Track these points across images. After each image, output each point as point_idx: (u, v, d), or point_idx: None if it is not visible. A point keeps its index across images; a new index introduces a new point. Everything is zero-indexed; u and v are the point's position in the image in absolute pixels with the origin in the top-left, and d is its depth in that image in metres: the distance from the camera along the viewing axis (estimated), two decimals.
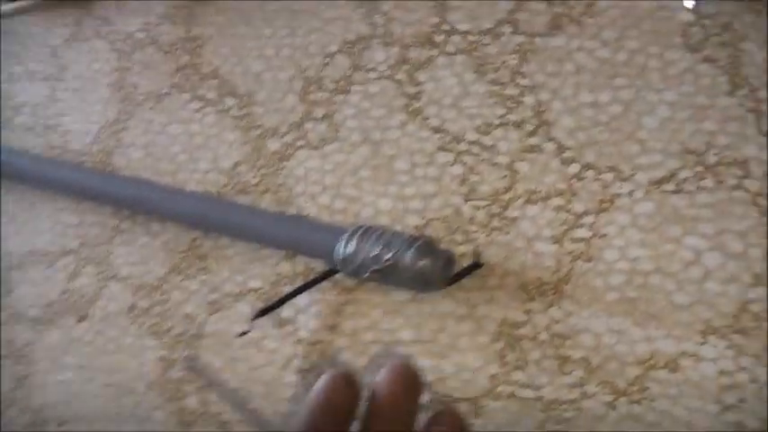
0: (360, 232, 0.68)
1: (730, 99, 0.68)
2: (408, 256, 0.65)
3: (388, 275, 0.66)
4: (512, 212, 0.71)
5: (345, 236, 0.68)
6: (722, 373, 0.64)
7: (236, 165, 0.82)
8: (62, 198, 0.89)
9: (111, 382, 0.83)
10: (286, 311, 0.76)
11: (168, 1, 0.92)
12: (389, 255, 0.66)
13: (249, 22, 0.87)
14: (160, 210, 0.81)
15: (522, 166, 0.72)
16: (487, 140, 0.74)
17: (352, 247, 0.68)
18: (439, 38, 0.78)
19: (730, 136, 0.68)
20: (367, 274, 0.67)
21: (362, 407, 0.45)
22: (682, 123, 0.69)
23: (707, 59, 0.70)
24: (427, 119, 0.76)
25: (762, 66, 0.69)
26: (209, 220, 0.78)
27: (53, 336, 0.86)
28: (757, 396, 0.63)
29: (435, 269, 0.66)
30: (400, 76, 0.78)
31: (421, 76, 0.78)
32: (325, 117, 0.80)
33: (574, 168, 0.71)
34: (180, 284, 0.82)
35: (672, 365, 0.65)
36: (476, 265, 0.70)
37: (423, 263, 0.65)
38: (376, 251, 0.66)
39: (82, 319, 0.85)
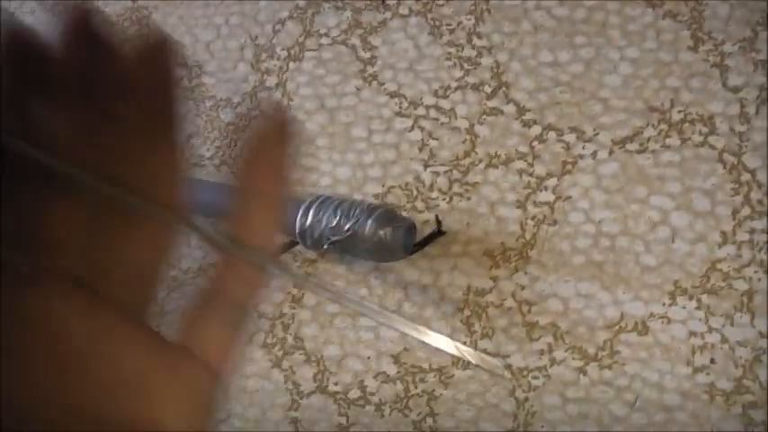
0: (317, 203, 0.63)
1: (694, 54, 0.64)
2: (368, 226, 0.61)
3: (348, 246, 0.62)
4: (473, 177, 0.66)
5: (302, 207, 0.63)
6: (692, 333, 0.60)
7: (190, 137, 0.76)
8: None
9: None
10: None
11: None
12: (348, 225, 0.61)
13: None
14: None
15: (482, 130, 0.67)
16: (446, 104, 0.69)
17: (309, 218, 0.63)
18: (392, 1, 0.73)
19: (695, 92, 0.64)
20: (326, 246, 0.62)
21: None
22: (645, 81, 0.65)
23: (668, 14, 0.66)
24: (383, 84, 0.71)
25: (725, 19, 0.64)
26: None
27: None
28: (728, 356, 0.59)
29: (396, 238, 0.61)
30: (354, 40, 0.73)
31: (375, 41, 0.72)
32: (278, 85, 0.75)
33: (535, 130, 0.66)
34: None
35: (641, 328, 0.61)
36: (438, 233, 0.65)
37: (383, 232, 0.61)
38: (334, 222, 0.62)
39: None
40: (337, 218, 0.62)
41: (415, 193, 0.68)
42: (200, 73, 0.78)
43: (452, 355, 0.63)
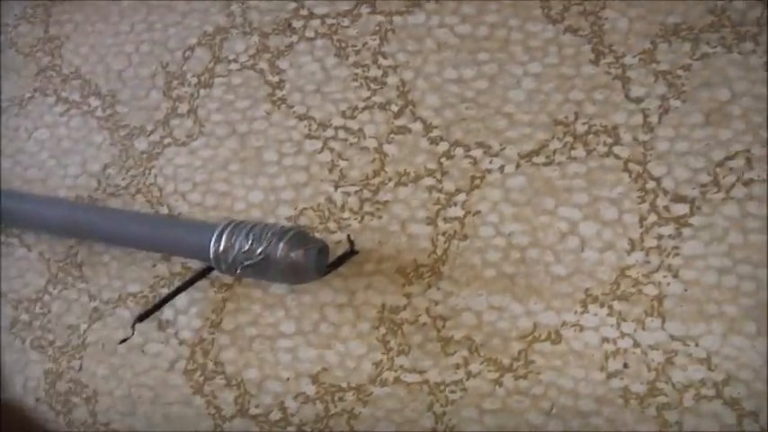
0: (230, 228, 0.63)
1: (596, 67, 0.65)
2: (279, 249, 0.61)
3: (261, 270, 0.62)
4: (383, 196, 0.67)
5: (216, 232, 0.63)
6: (605, 340, 0.61)
7: (106, 167, 0.76)
8: None
9: None
10: (167, 313, 0.71)
11: (24, 0, 0.84)
12: (260, 249, 0.61)
13: (106, 18, 0.80)
14: (32, 221, 0.74)
15: (391, 148, 0.68)
16: (354, 125, 0.69)
17: (222, 243, 0.63)
18: (298, 23, 0.73)
19: (598, 104, 0.65)
20: (240, 270, 0.62)
21: None
22: (548, 95, 0.66)
23: (569, 29, 0.67)
24: (292, 107, 0.71)
25: (624, 33, 0.65)
26: (82, 227, 0.72)
27: None
28: (641, 360, 0.60)
29: (308, 260, 0.61)
30: (262, 65, 0.73)
31: (282, 64, 0.73)
32: (190, 112, 0.74)
33: (443, 147, 0.67)
34: (59, 295, 0.75)
35: (555, 337, 0.62)
36: (351, 252, 0.65)
37: (294, 254, 0.61)
38: (246, 246, 0.62)
39: None
40: (249, 242, 0.62)
41: (327, 213, 0.68)
42: (114, 102, 0.78)
43: (389, 379, 0.64)
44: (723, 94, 0.62)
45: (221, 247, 0.63)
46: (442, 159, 0.66)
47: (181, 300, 0.70)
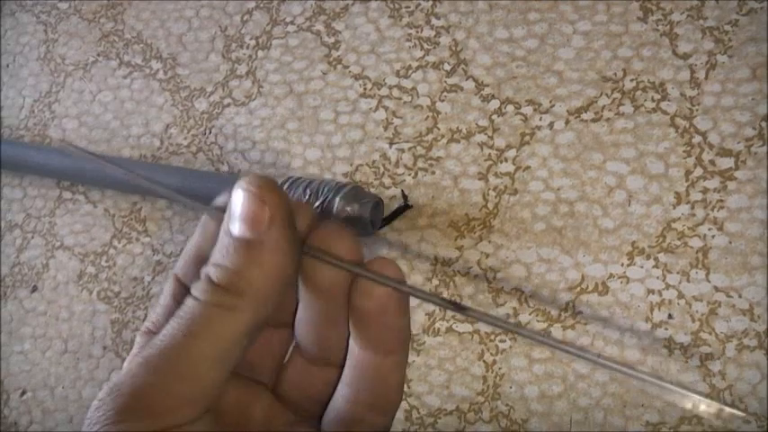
0: (288, 183, 0.65)
1: (644, 25, 0.66)
2: (336, 203, 0.63)
3: None
4: (436, 152, 0.68)
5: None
6: (650, 291, 0.62)
7: (168, 127, 0.79)
8: (4, 174, 0.85)
9: (69, 349, 0.79)
10: None
11: None
12: (318, 203, 0.63)
13: None
14: (97, 179, 0.77)
15: (443, 106, 0.69)
16: (407, 83, 0.71)
17: None
18: None
19: (646, 61, 0.65)
20: None
21: None
22: (597, 52, 0.67)
23: None
24: (348, 67, 0.73)
25: None
26: (144, 185, 0.74)
27: (8, 309, 0.83)
28: (685, 311, 0.61)
29: (363, 213, 0.63)
30: (318, 26, 0.75)
31: (338, 26, 0.74)
32: (248, 74, 0.76)
33: (494, 104, 0.68)
34: (124, 249, 0.78)
35: (602, 289, 0.63)
36: (405, 207, 0.67)
37: (351, 208, 0.63)
38: (304, 200, 0.63)
39: (34, 290, 0.82)
40: (307, 197, 0.64)
41: (381, 170, 0.70)
42: (175, 65, 0.80)
43: (441, 329, 0.65)
44: None
45: None
46: (493, 116, 0.68)
47: None
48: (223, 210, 0.30)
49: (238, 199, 0.29)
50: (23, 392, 0.81)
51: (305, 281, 0.31)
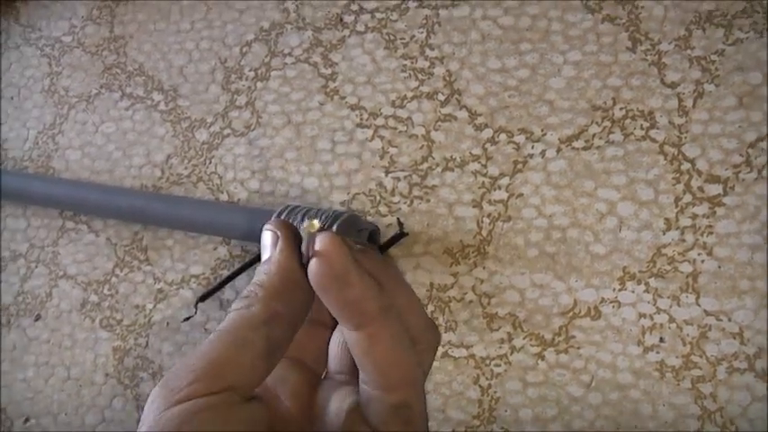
0: (286, 212, 0.66)
1: (632, 54, 0.67)
2: (334, 231, 0.63)
3: None
4: (431, 181, 0.70)
5: (273, 216, 0.66)
6: (642, 315, 0.63)
7: (169, 158, 0.80)
8: (8, 205, 0.86)
9: (71, 376, 0.80)
10: (228, 293, 0.74)
11: (90, 1, 0.89)
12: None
13: (167, 17, 0.84)
14: (100, 208, 0.78)
15: (438, 135, 0.70)
16: (403, 113, 0.72)
17: None
18: (349, 18, 0.76)
19: (635, 90, 0.67)
20: None
21: None
22: (588, 81, 0.68)
23: (607, 18, 0.69)
24: (344, 98, 0.74)
25: (660, 20, 0.67)
26: (147, 214, 0.75)
27: (11, 337, 0.84)
28: (676, 335, 0.62)
29: (360, 242, 0.64)
30: (315, 58, 0.76)
31: (335, 57, 0.76)
32: (247, 104, 0.78)
33: (487, 133, 0.69)
34: (126, 277, 0.79)
35: (594, 313, 0.64)
36: (401, 235, 0.68)
37: (348, 237, 0.63)
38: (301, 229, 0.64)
39: (37, 318, 0.83)
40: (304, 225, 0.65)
41: (378, 198, 0.71)
42: (176, 96, 0.81)
43: (437, 354, 0.66)
44: (755, 77, 0.64)
45: None
46: (487, 145, 0.69)
47: (241, 280, 0.74)
48: None
49: (263, 236, 0.38)
50: (27, 419, 0.82)
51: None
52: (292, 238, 0.38)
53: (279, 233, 0.38)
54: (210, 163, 0.78)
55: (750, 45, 0.65)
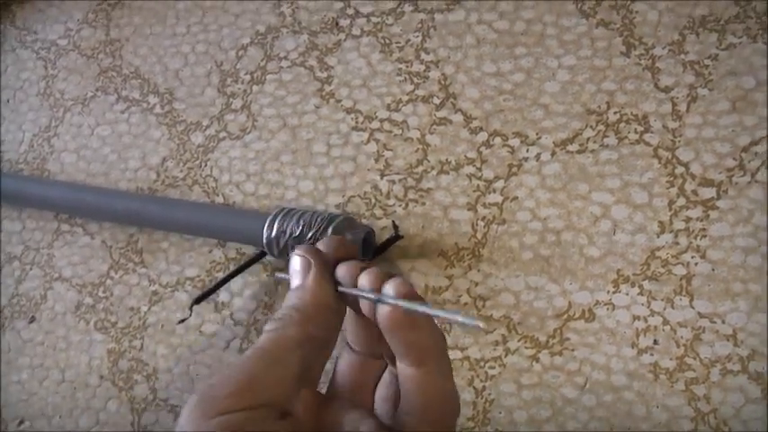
0: (281, 215, 0.66)
1: (627, 59, 0.68)
2: (329, 234, 0.64)
3: None
4: (426, 184, 0.70)
5: (268, 219, 0.66)
6: (636, 317, 0.63)
7: (164, 160, 0.80)
8: (3, 207, 0.86)
9: (65, 378, 0.80)
10: (222, 296, 0.74)
11: (86, 1, 0.89)
12: (310, 234, 0.64)
13: (164, 21, 0.84)
14: (95, 211, 0.78)
15: (433, 139, 0.71)
16: (398, 117, 0.72)
17: (275, 229, 0.66)
18: (344, 22, 0.76)
19: (629, 94, 0.67)
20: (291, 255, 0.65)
21: None
22: (582, 86, 0.68)
23: (601, 23, 0.69)
24: (340, 101, 0.74)
25: (654, 25, 0.67)
26: (142, 216, 0.75)
27: (6, 339, 0.83)
28: (670, 337, 0.62)
29: (355, 244, 0.64)
30: (311, 62, 0.76)
31: (330, 61, 0.76)
32: (243, 107, 0.78)
33: (482, 137, 0.69)
34: (121, 279, 0.79)
35: (588, 315, 0.64)
36: (396, 237, 0.68)
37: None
38: (297, 231, 0.65)
39: (32, 320, 0.83)
40: (300, 228, 0.65)
41: (373, 201, 0.71)
42: (171, 99, 0.81)
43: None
44: (748, 82, 0.64)
45: (273, 233, 0.66)
46: (482, 148, 0.69)
47: (235, 283, 0.74)
48: None
49: (291, 262, 0.40)
50: (21, 422, 0.81)
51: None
52: (325, 265, 0.40)
53: (311, 260, 0.40)
54: (206, 166, 0.78)
55: (743, 50, 0.65)
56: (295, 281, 0.39)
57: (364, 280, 0.39)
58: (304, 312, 0.38)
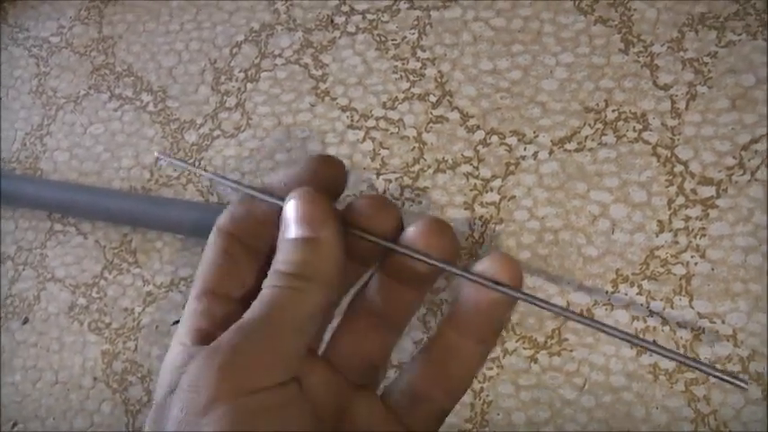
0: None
1: (625, 56, 0.67)
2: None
3: None
4: (423, 183, 0.69)
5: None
6: (635, 318, 0.63)
7: (158, 159, 0.79)
8: None
9: (59, 380, 0.79)
10: None
11: (78, 1, 0.88)
12: None
13: (157, 18, 0.83)
14: (88, 210, 0.77)
15: (430, 137, 0.70)
16: (394, 115, 0.71)
17: None
18: (340, 19, 0.76)
19: (627, 92, 0.66)
20: None
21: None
22: (580, 83, 0.67)
23: (599, 20, 0.68)
24: (335, 99, 0.74)
25: (653, 22, 0.67)
26: (136, 216, 0.75)
27: (0, 341, 0.83)
28: (669, 337, 0.62)
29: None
30: (306, 59, 0.76)
31: (325, 58, 0.75)
32: (237, 105, 0.77)
33: (479, 135, 0.69)
34: (115, 280, 0.78)
35: (587, 315, 0.63)
36: None
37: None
38: None
39: (25, 321, 0.82)
40: None
41: None
42: (165, 97, 0.81)
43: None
44: (748, 79, 0.64)
45: None
46: (479, 147, 0.68)
47: None
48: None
49: (292, 207, 0.36)
50: (15, 424, 0.81)
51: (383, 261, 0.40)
52: (338, 215, 0.38)
53: (323, 211, 0.36)
54: (200, 164, 0.77)
55: (743, 47, 0.65)
56: (299, 230, 0.36)
57: (435, 243, 0.38)
58: (324, 274, 0.35)
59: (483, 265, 0.39)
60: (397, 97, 0.72)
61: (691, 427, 0.61)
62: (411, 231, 0.41)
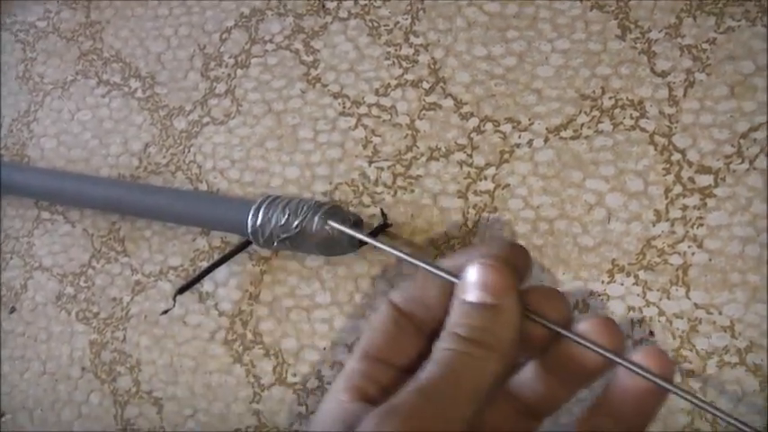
0: (267, 203, 0.65)
1: (622, 43, 0.66)
2: (315, 222, 0.62)
3: (297, 242, 0.63)
4: (415, 171, 0.68)
5: (253, 207, 0.65)
6: (631, 308, 0.62)
7: (147, 146, 0.78)
8: None
9: (47, 371, 0.78)
10: (207, 286, 0.73)
11: None
12: (296, 222, 0.62)
13: (145, 3, 0.82)
14: (76, 198, 0.76)
15: (423, 125, 0.69)
16: (387, 102, 0.70)
17: (260, 218, 0.64)
18: (331, 4, 0.74)
19: (624, 78, 0.65)
20: (277, 243, 0.64)
21: None
22: (576, 70, 0.66)
23: (596, 6, 0.67)
24: (326, 85, 0.72)
25: (650, 8, 0.66)
26: (124, 204, 0.73)
27: None
28: (666, 328, 0.61)
29: (342, 232, 0.62)
30: (297, 45, 0.75)
31: (317, 44, 0.74)
32: (227, 92, 0.76)
33: (473, 122, 0.68)
34: (103, 269, 0.77)
35: (582, 306, 0.63)
36: (384, 226, 0.66)
37: (329, 227, 0.62)
38: (283, 220, 0.63)
39: (12, 311, 0.81)
40: (286, 216, 0.63)
41: (361, 188, 0.69)
42: (153, 83, 0.79)
43: None
44: (747, 66, 0.63)
45: (258, 222, 0.64)
46: (473, 134, 0.67)
47: (220, 272, 0.72)
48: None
49: (476, 271, 0.37)
50: (2, 415, 0.80)
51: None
52: (518, 288, 0.37)
53: (507, 279, 0.36)
54: (189, 152, 0.76)
55: (742, 34, 0.64)
56: (480, 295, 0.36)
57: (602, 333, 0.39)
58: (504, 345, 0.35)
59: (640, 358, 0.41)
60: (389, 84, 0.71)
61: (687, 419, 0.60)
62: (583, 325, 0.42)
